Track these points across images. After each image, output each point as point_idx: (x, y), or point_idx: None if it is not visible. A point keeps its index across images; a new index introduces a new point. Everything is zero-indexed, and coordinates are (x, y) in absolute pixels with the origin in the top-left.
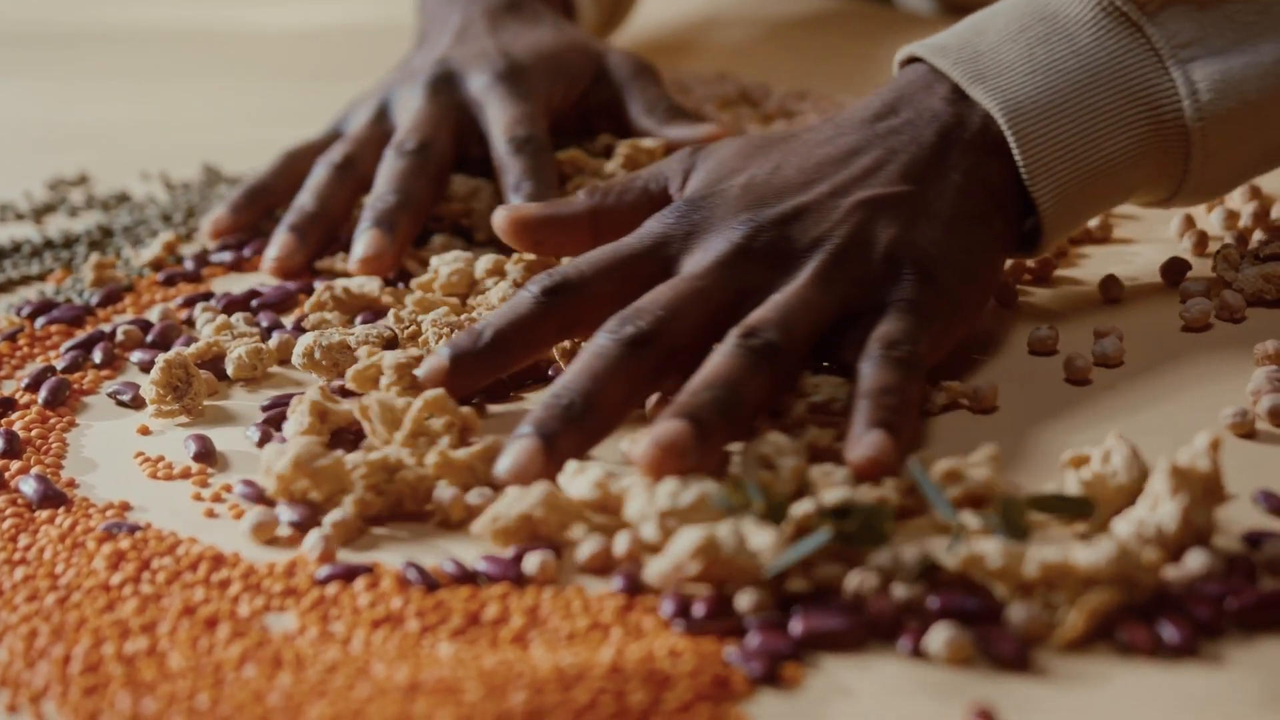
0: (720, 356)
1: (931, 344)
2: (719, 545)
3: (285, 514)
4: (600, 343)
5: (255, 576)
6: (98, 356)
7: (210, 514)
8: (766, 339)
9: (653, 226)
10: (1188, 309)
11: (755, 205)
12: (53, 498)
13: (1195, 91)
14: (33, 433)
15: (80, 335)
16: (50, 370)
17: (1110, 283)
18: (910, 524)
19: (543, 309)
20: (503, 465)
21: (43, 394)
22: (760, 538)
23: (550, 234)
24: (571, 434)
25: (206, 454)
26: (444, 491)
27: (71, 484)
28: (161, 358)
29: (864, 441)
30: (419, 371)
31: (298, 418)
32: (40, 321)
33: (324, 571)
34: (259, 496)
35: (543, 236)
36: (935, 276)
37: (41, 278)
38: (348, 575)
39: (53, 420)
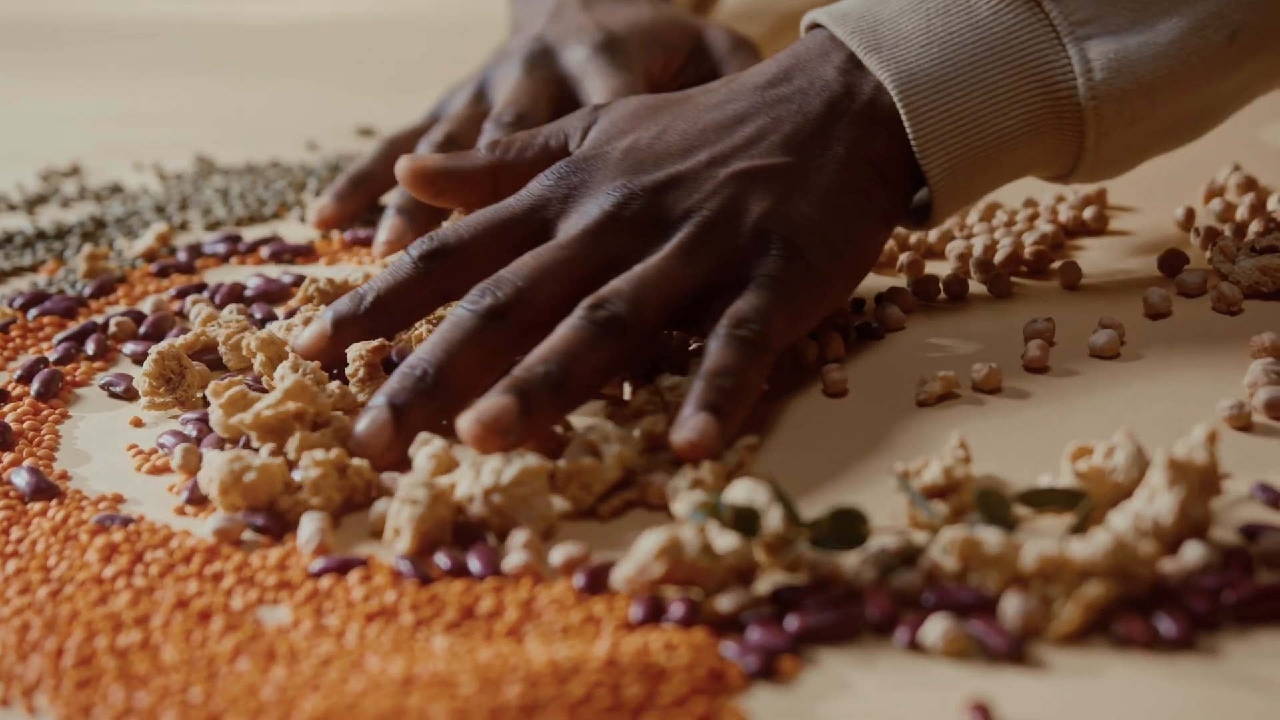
0: (563, 329)
1: (788, 321)
2: (683, 547)
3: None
4: (458, 314)
5: (249, 569)
6: (90, 348)
7: (181, 513)
8: (612, 312)
9: (533, 188)
10: (1148, 296)
11: (632, 171)
12: (45, 490)
13: (1090, 70)
14: (25, 425)
15: (73, 327)
16: (43, 362)
17: (1069, 269)
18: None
19: (421, 273)
20: (355, 434)
21: (35, 386)
22: (725, 539)
23: (449, 186)
24: (423, 405)
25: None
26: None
27: (64, 476)
28: (154, 349)
29: (688, 424)
30: (301, 338)
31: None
32: (33, 313)
33: (318, 564)
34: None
35: (442, 188)
36: (802, 252)
37: (34, 269)
38: (341, 568)
39: (45, 412)
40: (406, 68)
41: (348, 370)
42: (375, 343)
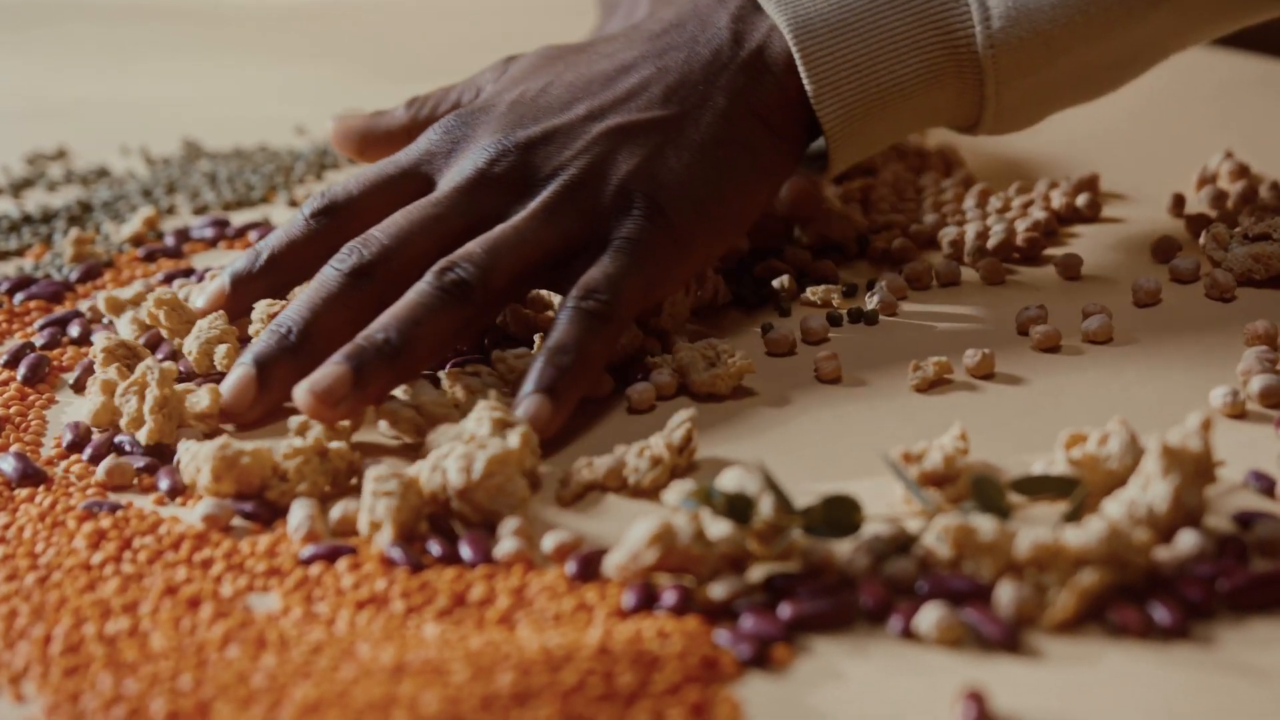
0: (410, 293)
1: (643, 285)
2: (675, 533)
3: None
4: (325, 272)
5: (238, 556)
6: (74, 332)
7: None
8: (459, 276)
9: (421, 142)
10: (1141, 283)
11: (511, 125)
12: (32, 476)
13: (988, 18)
14: (11, 410)
15: (59, 311)
16: (29, 347)
17: (1069, 261)
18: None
19: (313, 230)
20: (302, 390)
21: (21, 371)
22: (718, 526)
23: (371, 144)
24: (287, 363)
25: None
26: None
27: (51, 462)
28: (101, 340)
29: (522, 405)
30: (201, 296)
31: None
32: (19, 298)
33: (308, 551)
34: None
35: (364, 146)
36: (665, 211)
37: (20, 253)
38: (331, 555)
39: (32, 397)
40: (395, 54)
41: (250, 329)
42: (279, 303)
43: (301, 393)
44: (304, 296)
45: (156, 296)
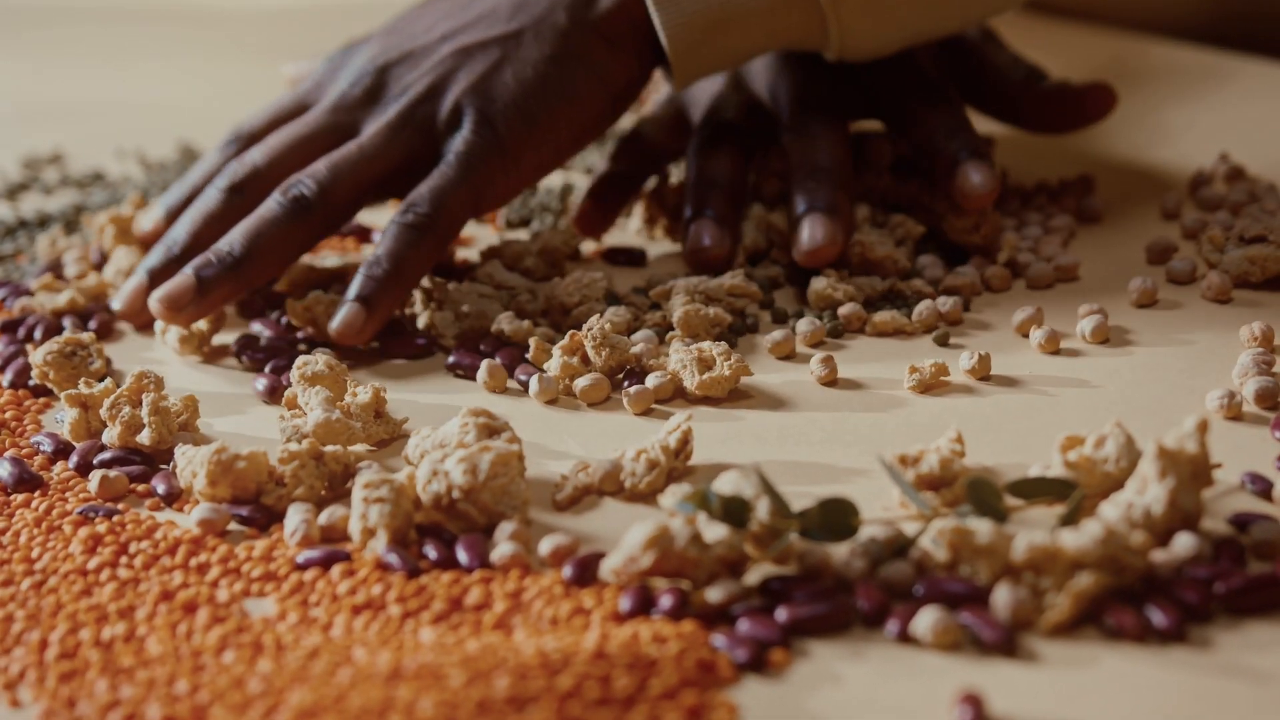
0: (259, 208)
1: (467, 197)
2: (672, 537)
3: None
4: (206, 192)
5: (234, 561)
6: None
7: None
8: (299, 192)
9: (311, 75)
10: (1134, 287)
11: (378, 52)
12: (28, 481)
13: None
14: (7, 414)
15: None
16: (21, 351)
17: (1066, 263)
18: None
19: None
20: (154, 297)
21: (8, 375)
22: (714, 530)
23: None
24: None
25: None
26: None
27: (47, 467)
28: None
29: (337, 315)
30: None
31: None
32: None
33: (304, 556)
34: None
35: None
36: (494, 125)
37: (14, 257)
38: (327, 560)
39: (27, 402)
40: None
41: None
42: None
43: (153, 300)
44: (187, 214)
45: (45, 350)
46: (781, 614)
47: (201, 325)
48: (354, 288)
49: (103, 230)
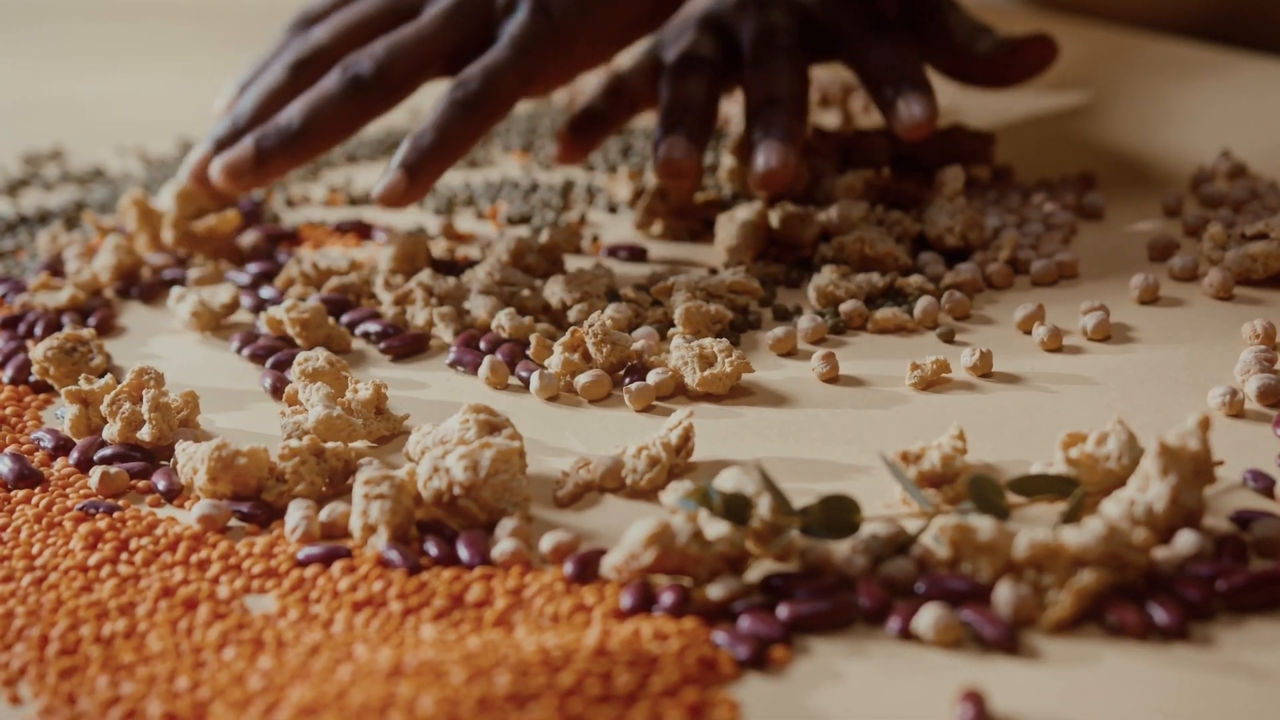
0: (319, 84)
1: (519, 76)
2: (673, 534)
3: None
4: (272, 67)
5: (235, 557)
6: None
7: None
8: (356, 70)
9: None
10: (1139, 281)
11: None
12: (29, 477)
13: None
14: (7, 411)
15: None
16: (21, 348)
17: (1068, 260)
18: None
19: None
20: (215, 164)
21: (9, 372)
22: (716, 527)
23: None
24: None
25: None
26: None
27: (47, 463)
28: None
29: (381, 181)
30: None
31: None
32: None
33: (305, 552)
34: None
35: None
36: (549, 11)
37: (14, 253)
38: (328, 557)
39: (28, 398)
40: None
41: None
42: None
43: (214, 167)
44: (253, 88)
45: (45, 347)
46: (783, 611)
47: (214, 303)
48: (399, 155)
49: (126, 212)
